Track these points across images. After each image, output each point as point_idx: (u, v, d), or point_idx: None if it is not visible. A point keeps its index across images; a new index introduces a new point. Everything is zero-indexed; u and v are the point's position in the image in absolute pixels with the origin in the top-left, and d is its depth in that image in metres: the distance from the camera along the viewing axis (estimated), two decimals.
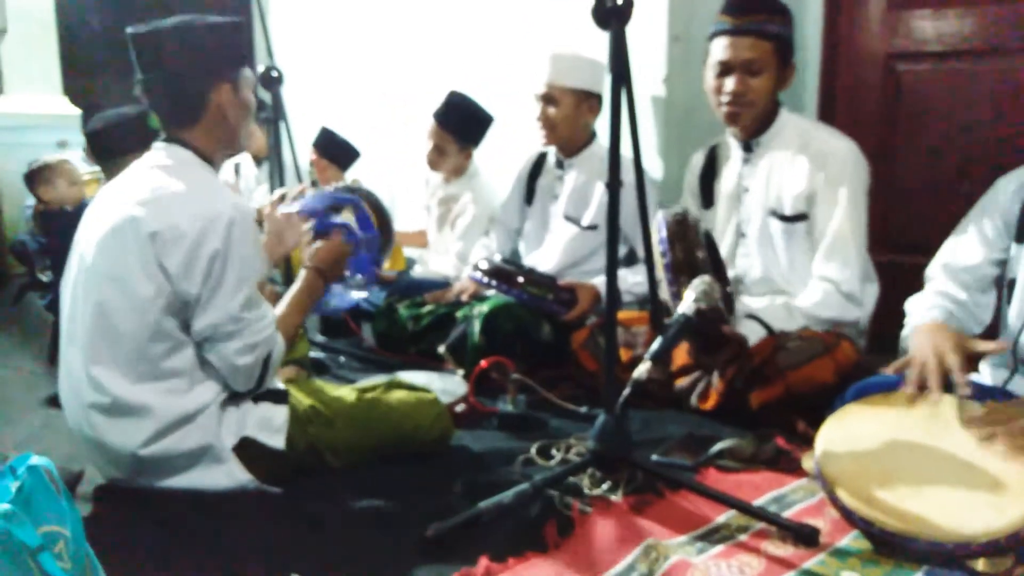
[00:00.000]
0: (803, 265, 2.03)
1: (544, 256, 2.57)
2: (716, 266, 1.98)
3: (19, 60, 4.19)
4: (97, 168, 3.11)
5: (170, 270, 1.46)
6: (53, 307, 2.65)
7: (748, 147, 2.08)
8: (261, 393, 1.61)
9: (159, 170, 1.54)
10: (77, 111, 4.31)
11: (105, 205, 1.56)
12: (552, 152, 2.57)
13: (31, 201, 3.94)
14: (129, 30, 1.51)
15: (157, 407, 1.49)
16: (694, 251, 1.87)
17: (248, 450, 1.56)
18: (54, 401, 2.25)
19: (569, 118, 2.40)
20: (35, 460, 1.09)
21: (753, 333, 1.92)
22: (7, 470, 1.08)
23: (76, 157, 3.92)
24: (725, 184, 2.16)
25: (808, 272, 2.02)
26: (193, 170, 1.55)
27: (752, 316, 1.98)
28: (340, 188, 2.24)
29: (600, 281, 2.35)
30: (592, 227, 2.46)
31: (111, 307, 1.48)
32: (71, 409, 1.58)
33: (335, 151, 3.56)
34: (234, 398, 1.58)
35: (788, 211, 2.01)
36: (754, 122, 2.03)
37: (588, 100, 2.40)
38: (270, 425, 1.58)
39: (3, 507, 1.00)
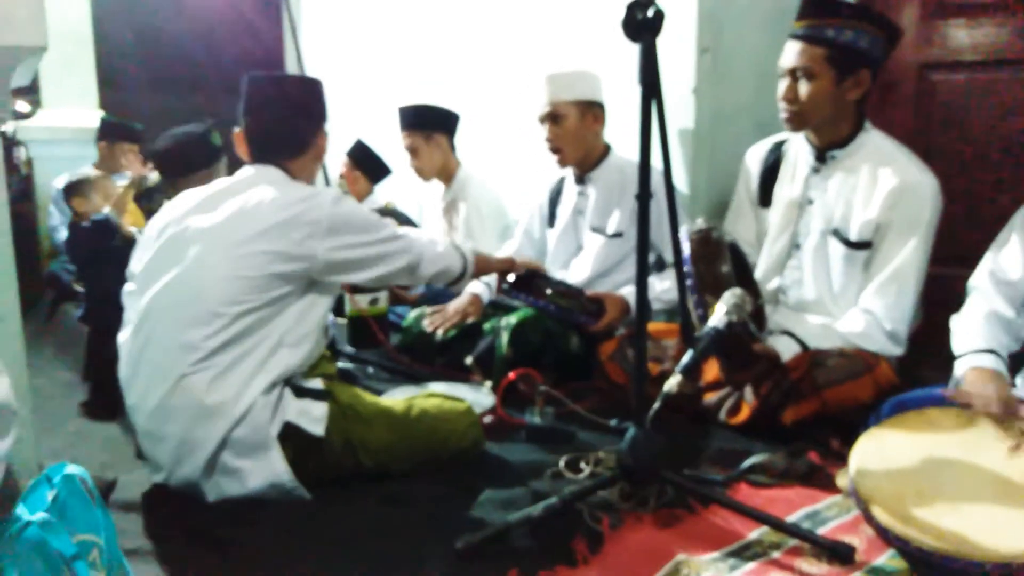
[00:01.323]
0: (854, 292, 1.97)
1: (575, 270, 2.57)
2: (742, 279, 1.95)
3: (57, 75, 4.30)
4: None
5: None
6: (87, 319, 2.71)
7: (822, 157, 2.01)
8: (303, 389, 1.67)
9: (260, 179, 1.71)
10: None
11: (201, 207, 1.68)
12: (570, 173, 2.58)
13: (54, 221, 4.04)
14: (252, 75, 1.79)
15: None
16: (718, 267, 1.85)
17: (290, 437, 1.59)
18: (88, 410, 2.30)
19: (577, 131, 2.42)
20: (70, 469, 1.12)
21: (787, 350, 1.88)
22: (43, 479, 1.11)
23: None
24: (788, 189, 2.08)
25: (856, 299, 1.96)
26: (288, 181, 1.75)
27: (787, 332, 1.94)
28: (375, 210, 2.39)
29: (628, 291, 2.34)
30: (618, 235, 2.46)
31: (206, 280, 1.58)
32: (148, 399, 1.60)
33: (368, 164, 3.61)
34: (277, 391, 1.63)
35: (854, 236, 1.93)
36: (825, 131, 1.96)
37: (591, 109, 2.42)
38: (310, 415, 1.63)
39: (40, 516, 1.03)
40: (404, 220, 3.35)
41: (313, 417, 1.63)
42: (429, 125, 2.98)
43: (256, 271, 1.57)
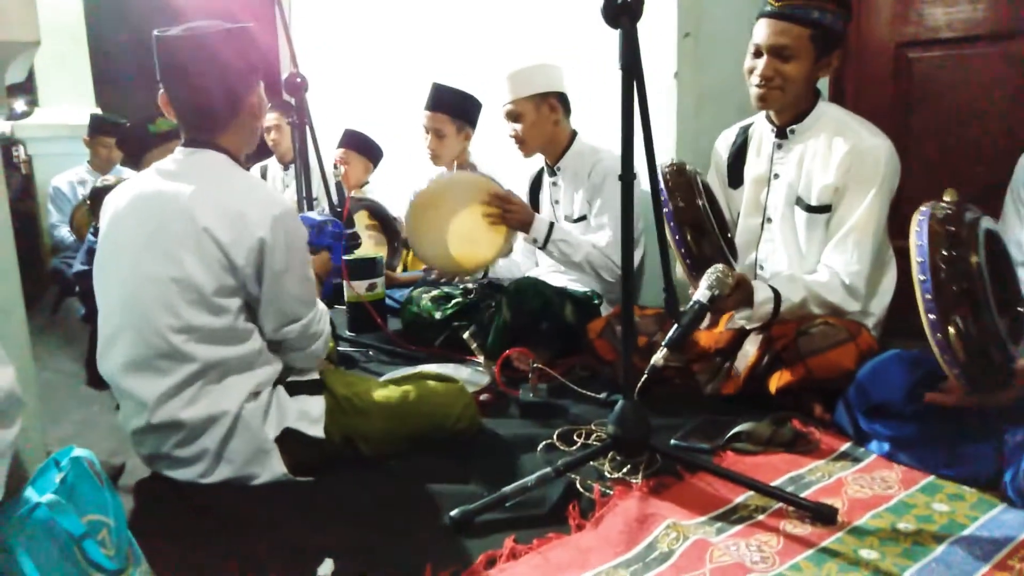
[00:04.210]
0: (819, 255, 2.02)
1: (546, 259, 2.65)
2: (716, 215, 2.01)
3: (53, 73, 4.32)
4: None
5: (233, 260, 1.52)
6: (88, 319, 2.75)
7: (782, 133, 2.06)
8: (297, 384, 1.67)
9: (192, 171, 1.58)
10: None
11: (145, 206, 1.58)
12: (543, 163, 2.65)
13: (52, 219, 4.09)
14: (159, 34, 1.54)
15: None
16: (694, 200, 1.89)
17: (290, 441, 1.61)
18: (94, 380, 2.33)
19: (535, 125, 2.48)
20: (78, 452, 1.14)
21: (760, 288, 1.92)
22: (51, 463, 1.14)
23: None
24: (755, 167, 2.14)
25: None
26: (220, 170, 1.60)
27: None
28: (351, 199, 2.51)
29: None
30: (582, 218, 2.53)
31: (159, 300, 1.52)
32: (134, 421, 1.59)
33: (364, 146, 3.65)
34: (274, 390, 1.64)
35: (814, 201, 1.99)
36: (788, 108, 2.01)
37: (546, 100, 2.47)
38: (309, 416, 1.64)
39: (48, 497, 1.05)
40: (374, 209, 3.38)
41: (312, 419, 1.64)
42: (463, 115, 2.96)
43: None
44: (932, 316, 1.40)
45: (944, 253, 1.40)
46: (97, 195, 3.13)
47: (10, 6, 1.34)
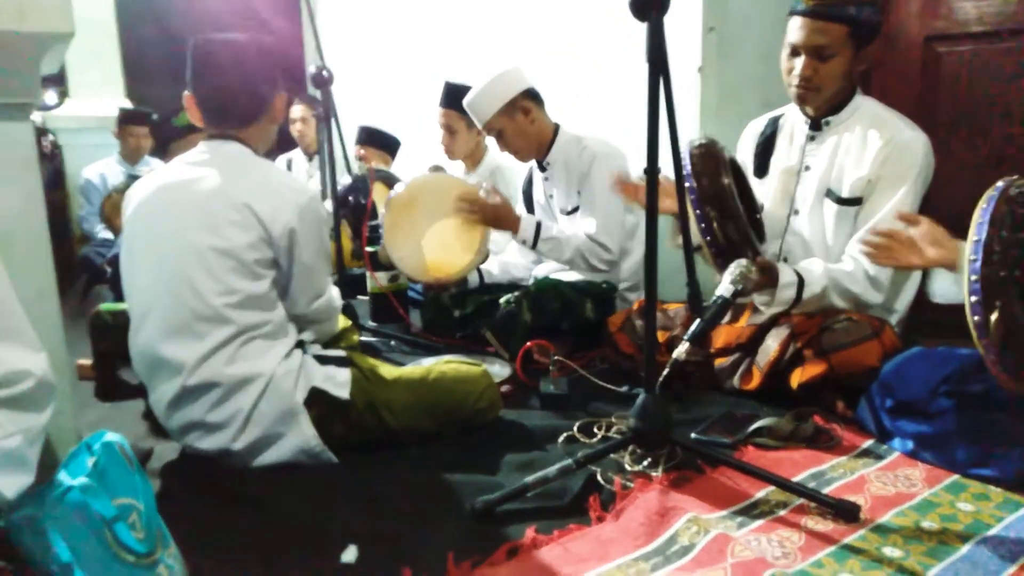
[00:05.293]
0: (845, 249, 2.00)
1: None
2: (743, 191, 1.98)
3: (84, 66, 4.39)
4: None
5: (271, 232, 1.63)
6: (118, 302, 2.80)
7: (816, 125, 2.03)
8: (326, 357, 1.75)
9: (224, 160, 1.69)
10: None
11: (175, 188, 1.68)
12: (533, 161, 2.67)
13: (84, 210, 4.17)
14: (199, 39, 1.71)
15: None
16: (720, 179, 1.86)
17: (317, 402, 1.66)
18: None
19: (517, 133, 2.51)
20: (109, 437, 1.16)
21: (785, 272, 1.91)
22: (83, 447, 1.16)
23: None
24: (784, 158, 2.11)
25: None
26: (250, 160, 1.72)
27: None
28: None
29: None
30: (575, 209, 2.54)
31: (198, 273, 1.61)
32: (167, 393, 1.66)
33: (380, 141, 3.68)
34: (303, 355, 1.71)
35: (845, 193, 1.96)
36: (826, 103, 1.99)
37: (515, 106, 2.48)
38: (335, 379, 1.71)
39: (81, 481, 1.07)
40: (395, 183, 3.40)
41: (338, 382, 1.70)
42: None
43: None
44: (975, 298, 1.37)
45: (1004, 235, 1.37)
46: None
47: None
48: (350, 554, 1.33)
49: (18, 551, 1.07)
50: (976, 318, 1.38)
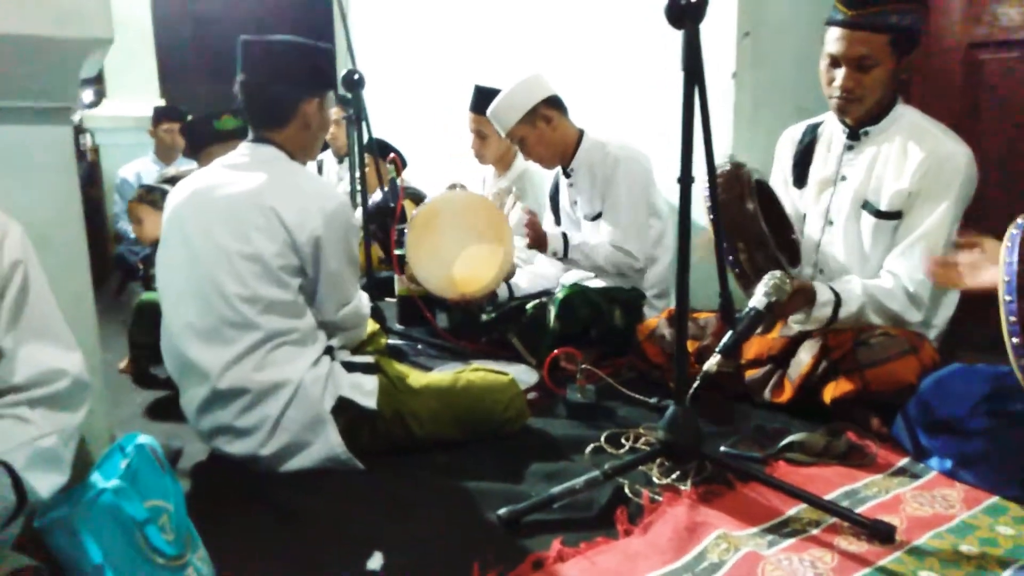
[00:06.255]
0: (882, 263, 1.95)
1: None
2: (769, 214, 1.93)
3: (120, 66, 4.46)
4: None
5: (296, 239, 1.63)
6: None
7: (855, 135, 1.97)
8: (353, 364, 1.74)
9: (256, 163, 1.70)
10: None
11: (209, 191, 1.68)
12: (559, 168, 2.66)
13: (117, 208, 4.24)
14: (243, 38, 1.71)
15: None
16: (744, 205, 1.81)
17: (344, 411, 1.67)
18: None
19: (539, 141, 2.49)
20: (142, 439, 1.17)
21: (821, 290, 1.87)
22: (116, 448, 1.17)
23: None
24: (821, 168, 2.06)
25: None
26: (283, 164, 1.72)
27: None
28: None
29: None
30: (599, 216, 2.52)
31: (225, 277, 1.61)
32: (197, 396, 1.67)
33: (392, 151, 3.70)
34: (331, 363, 1.71)
35: (884, 206, 1.91)
36: (867, 112, 1.93)
37: (536, 114, 2.46)
38: (362, 388, 1.70)
39: (114, 483, 1.08)
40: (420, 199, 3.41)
41: (365, 391, 1.70)
42: None
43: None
44: (1016, 340, 1.33)
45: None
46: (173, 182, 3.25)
47: (86, 4, 1.38)
48: (375, 561, 1.33)
49: (51, 551, 1.08)
50: (1021, 362, 1.33)
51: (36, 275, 1.15)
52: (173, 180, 2.39)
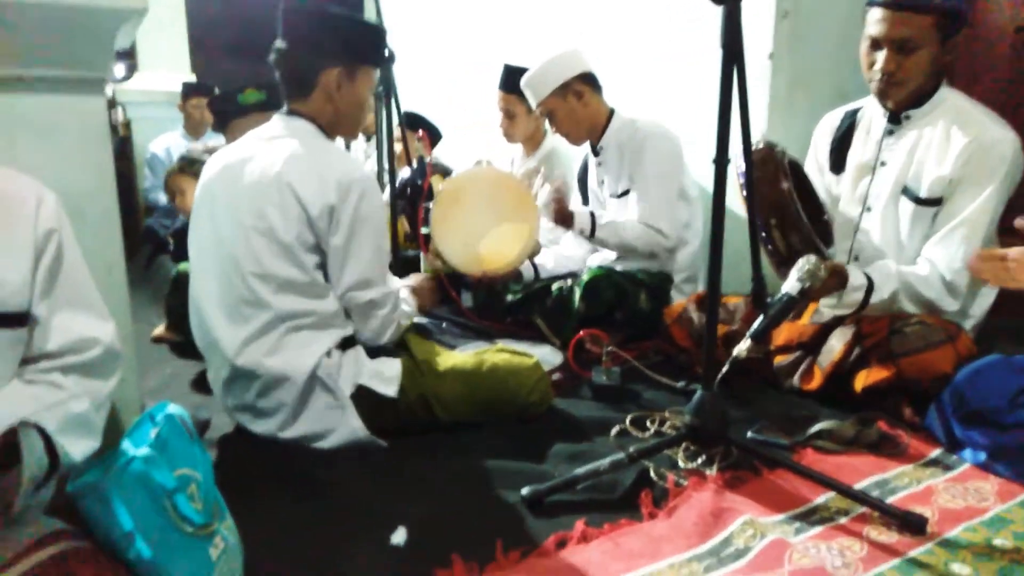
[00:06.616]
0: (920, 250, 1.90)
1: None
2: (803, 196, 1.89)
3: (152, 40, 4.50)
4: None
5: (309, 212, 1.60)
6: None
7: (896, 119, 1.93)
8: (376, 348, 1.73)
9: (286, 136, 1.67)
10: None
11: (237, 165, 1.67)
12: (588, 147, 2.63)
13: (147, 182, 4.29)
14: (283, 4, 1.67)
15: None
16: (779, 185, 1.78)
17: (363, 399, 1.66)
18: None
19: (569, 116, 2.47)
20: (171, 409, 1.18)
21: (855, 274, 1.83)
22: (147, 417, 1.17)
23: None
24: (860, 153, 2.01)
25: None
26: (310, 138, 1.68)
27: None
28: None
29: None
30: (625, 193, 2.49)
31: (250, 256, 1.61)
32: (221, 372, 1.70)
33: (424, 125, 3.67)
34: (350, 350, 1.69)
35: (924, 193, 1.86)
36: (909, 96, 1.88)
37: (569, 88, 2.43)
38: (382, 376, 1.69)
39: (143, 451, 1.09)
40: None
41: (386, 378, 1.68)
42: None
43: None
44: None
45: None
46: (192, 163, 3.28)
47: None
48: (399, 535, 1.34)
49: (83, 517, 1.09)
50: None
51: (70, 244, 1.15)
52: (212, 151, 2.39)
